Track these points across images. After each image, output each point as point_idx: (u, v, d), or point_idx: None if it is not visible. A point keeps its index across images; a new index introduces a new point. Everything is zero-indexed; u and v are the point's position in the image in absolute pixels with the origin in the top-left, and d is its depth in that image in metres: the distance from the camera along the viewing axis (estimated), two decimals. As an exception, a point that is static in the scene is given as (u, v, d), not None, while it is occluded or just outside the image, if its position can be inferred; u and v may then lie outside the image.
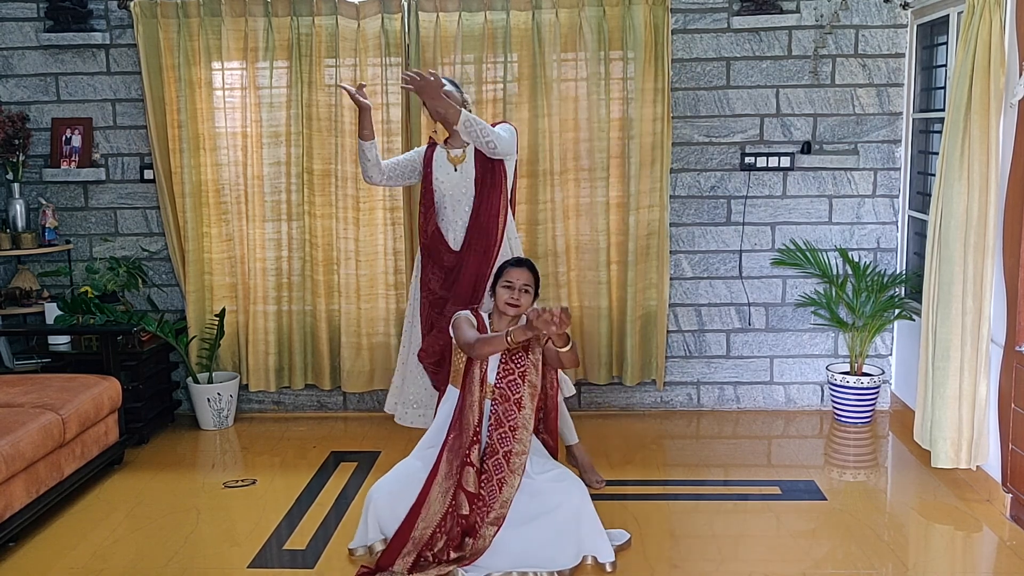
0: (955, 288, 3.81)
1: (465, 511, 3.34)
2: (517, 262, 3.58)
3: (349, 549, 3.51)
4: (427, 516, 3.32)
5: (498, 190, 3.94)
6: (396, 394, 4.24)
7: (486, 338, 3.38)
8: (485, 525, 3.32)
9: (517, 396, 3.40)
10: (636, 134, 4.85)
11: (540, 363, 3.46)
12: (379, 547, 3.41)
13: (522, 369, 3.43)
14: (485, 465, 3.38)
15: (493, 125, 3.92)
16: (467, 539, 3.34)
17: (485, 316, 3.61)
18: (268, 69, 4.92)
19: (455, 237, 3.97)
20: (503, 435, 3.39)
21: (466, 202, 3.96)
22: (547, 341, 3.35)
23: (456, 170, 3.96)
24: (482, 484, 3.36)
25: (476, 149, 3.92)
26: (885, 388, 5.15)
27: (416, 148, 4.28)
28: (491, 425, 3.41)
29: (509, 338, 3.27)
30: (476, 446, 3.39)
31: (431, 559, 3.30)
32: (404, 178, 4.14)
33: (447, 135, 4.01)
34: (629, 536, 3.55)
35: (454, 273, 3.96)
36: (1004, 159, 3.77)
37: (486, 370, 3.45)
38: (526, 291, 3.50)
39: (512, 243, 4.04)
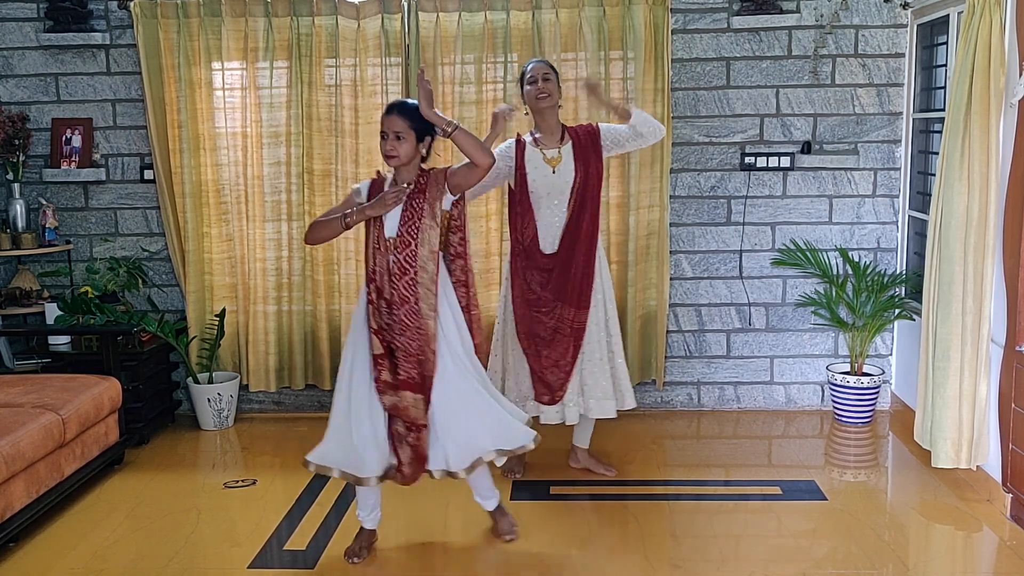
0: (955, 288, 3.81)
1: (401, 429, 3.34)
2: (388, 109, 3.29)
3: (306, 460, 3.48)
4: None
5: (599, 190, 3.96)
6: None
7: (322, 221, 3.38)
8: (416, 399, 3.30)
9: (417, 239, 3.28)
10: (636, 134, 4.85)
11: (437, 203, 3.31)
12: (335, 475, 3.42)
13: (420, 212, 3.28)
14: (396, 315, 3.28)
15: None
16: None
17: (388, 175, 3.42)
18: (268, 69, 4.92)
19: (551, 241, 3.93)
20: (408, 283, 3.27)
21: (561, 204, 3.91)
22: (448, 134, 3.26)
23: (554, 172, 3.90)
24: (397, 335, 3.28)
25: (576, 149, 3.90)
26: (885, 388, 5.15)
27: (503, 145, 4.02)
28: (395, 275, 3.28)
29: (347, 220, 3.28)
30: (381, 295, 3.31)
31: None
32: (494, 182, 3.95)
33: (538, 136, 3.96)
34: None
35: (554, 273, 3.93)
36: (1004, 159, 3.77)
37: (382, 227, 3.31)
38: (398, 137, 3.25)
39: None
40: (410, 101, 3.36)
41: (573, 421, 4.09)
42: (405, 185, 3.29)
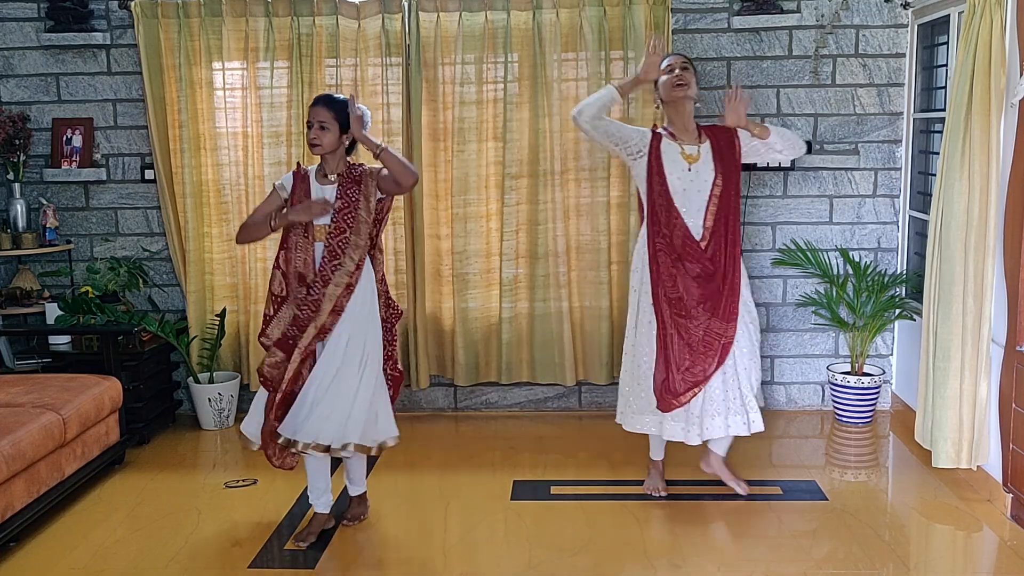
0: (956, 288, 3.81)
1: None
2: (315, 100, 3.50)
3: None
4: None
5: (738, 196, 3.78)
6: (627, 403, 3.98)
7: (249, 224, 3.60)
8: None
9: (352, 228, 3.47)
10: (637, 134, 4.85)
11: (372, 198, 3.50)
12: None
13: (355, 203, 3.48)
14: (315, 297, 3.46)
15: None
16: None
17: (312, 171, 3.61)
18: (269, 69, 4.92)
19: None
20: (335, 267, 3.47)
21: (698, 203, 3.70)
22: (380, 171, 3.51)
23: (690, 170, 3.70)
24: (315, 316, 3.46)
25: (714, 150, 3.72)
26: (886, 388, 5.15)
27: (640, 128, 3.86)
28: (324, 259, 3.48)
29: (272, 224, 3.50)
30: (303, 280, 3.49)
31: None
32: (610, 140, 3.74)
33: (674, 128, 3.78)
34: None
35: (702, 279, 3.71)
36: (1004, 159, 3.77)
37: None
38: (322, 127, 3.45)
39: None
40: (338, 95, 3.56)
41: (720, 434, 3.85)
42: (331, 200, 3.49)
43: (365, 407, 3.51)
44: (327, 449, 3.47)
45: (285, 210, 3.52)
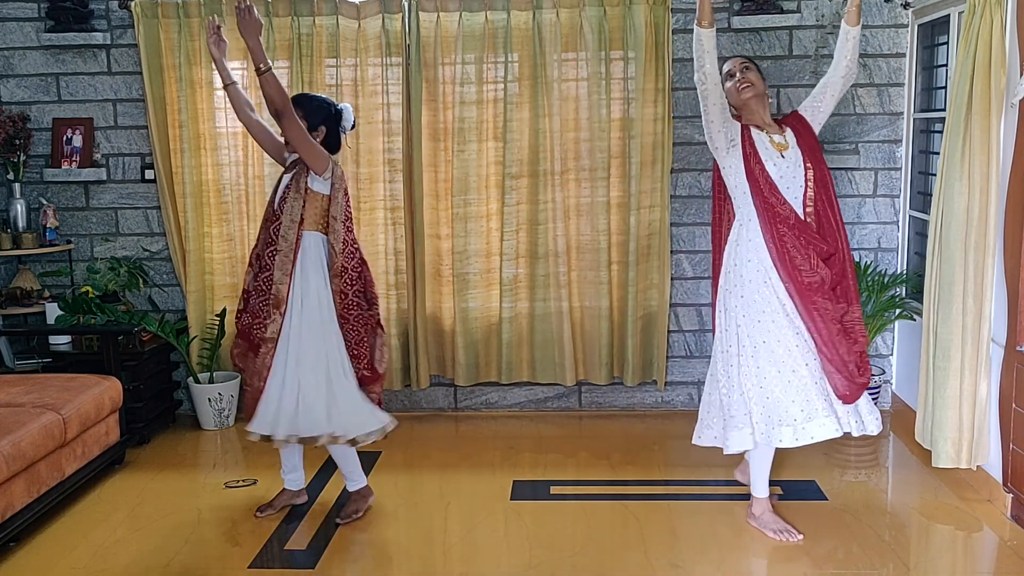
0: (956, 288, 3.81)
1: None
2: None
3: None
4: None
5: (827, 169, 3.63)
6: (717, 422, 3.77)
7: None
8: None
9: (283, 212, 3.62)
10: (637, 134, 4.86)
11: (302, 179, 3.62)
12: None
13: (289, 187, 3.63)
14: (258, 280, 3.64)
15: None
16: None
17: None
18: (269, 69, 4.91)
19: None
20: (271, 253, 3.63)
21: (795, 191, 3.56)
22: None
23: (783, 157, 3.61)
24: (253, 297, 3.67)
25: (798, 136, 3.62)
26: (886, 388, 5.15)
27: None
28: (268, 243, 3.65)
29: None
30: (260, 258, 3.68)
31: None
32: (717, 109, 3.53)
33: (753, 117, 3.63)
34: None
35: (828, 261, 3.55)
36: (1004, 159, 3.77)
37: (273, 202, 3.70)
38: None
39: None
40: (315, 95, 3.80)
41: (875, 431, 3.59)
42: (216, 20, 3.69)
43: (351, 400, 3.67)
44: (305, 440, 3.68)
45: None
